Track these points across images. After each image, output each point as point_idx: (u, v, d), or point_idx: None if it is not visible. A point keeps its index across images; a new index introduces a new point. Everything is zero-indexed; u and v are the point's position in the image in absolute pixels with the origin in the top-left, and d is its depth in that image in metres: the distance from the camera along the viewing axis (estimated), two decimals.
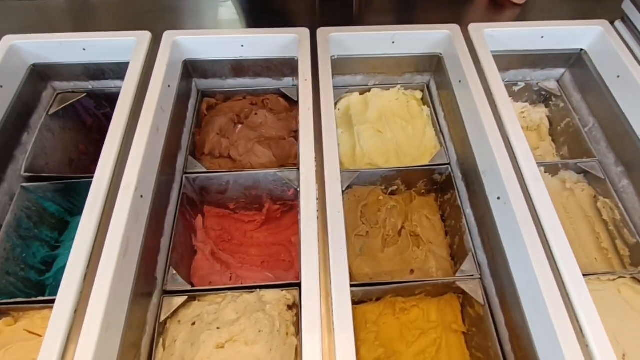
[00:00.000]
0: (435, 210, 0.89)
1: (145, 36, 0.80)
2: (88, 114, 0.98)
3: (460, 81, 0.76)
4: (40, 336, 0.64)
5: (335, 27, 0.81)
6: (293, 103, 0.95)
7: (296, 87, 0.93)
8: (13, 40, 0.79)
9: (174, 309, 0.66)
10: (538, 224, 0.57)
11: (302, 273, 0.53)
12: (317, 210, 0.60)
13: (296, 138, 0.88)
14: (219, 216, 0.96)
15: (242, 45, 0.82)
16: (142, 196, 0.63)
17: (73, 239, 0.87)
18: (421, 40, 0.84)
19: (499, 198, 0.63)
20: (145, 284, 0.62)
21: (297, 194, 0.88)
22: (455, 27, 0.82)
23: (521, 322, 0.57)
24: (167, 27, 0.82)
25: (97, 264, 0.54)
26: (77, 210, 0.92)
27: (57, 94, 0.90)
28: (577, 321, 0.50)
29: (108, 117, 1.02)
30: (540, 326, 0.53)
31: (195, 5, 0.97)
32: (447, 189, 0.83)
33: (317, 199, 0.60)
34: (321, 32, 0.81)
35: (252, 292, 0.67)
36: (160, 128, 0.71)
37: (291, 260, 0.90)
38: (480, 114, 0.68)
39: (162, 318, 0.65)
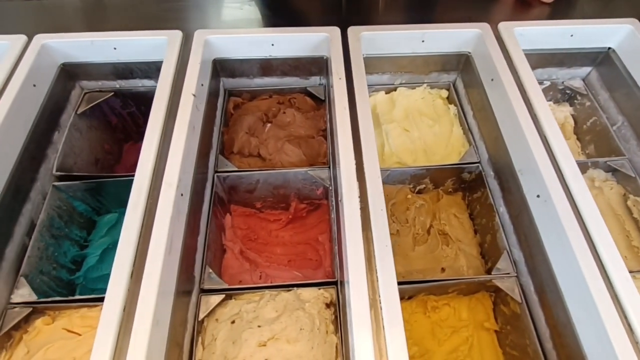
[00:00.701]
0: (463, 208, 0.89)
1: (177, 35, 0.80)
2: (113, 113, 0.98)
3: (492, 79, 0.76)
4: (80, 335, 0.64)
5: (365, 26, 0.81)
6: (319, 102, 0.95)
7: (323, 86, 0.94)
8: (44, 39, 0.79)
9: (212, 307, 0.66)
10: (580, 221, 0.57)
11: (349, 271, 0.53)
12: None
13: (324, 137, 0.88)
14: (245, 215, 0.96)
15: (273, 44, 0.82)
16: (182, 194, 0.63)
17: (101, 237, 0.90)
18: (451, 39, 0.84)
19: (538, 196, 0.63)
20: (185, 283, 0.62)
21: (325, 192, 0.89)
22: (486, 26, 0.82)
23: (564, 319, 0.57)
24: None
25: (143, 262, 0.54)
26: (104, 209, 0.92)
27: (85, 93, 0.90)
28: (626, 317, 0.51)
29: (133, 117, 1.03)
30: (587, 323, 0.53)
31: (211, 4, 0.97)
32: (476, 187, 0.83)
33: (360, 197, 0.60)
34: (352, 30, 0.81)
35: (290, 290, 0.67)
36: (195, 126, 0.71)
37: (318, 259, 0.90)
38: (516, 113, 0.68)
39: (201, 316, 0.65)
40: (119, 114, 0.99)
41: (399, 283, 0.73)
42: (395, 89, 0.95)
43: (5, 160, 0.68)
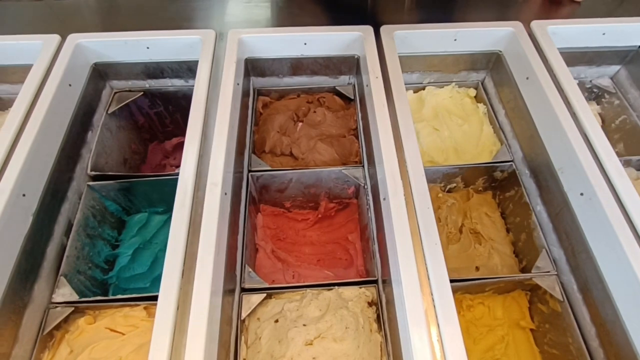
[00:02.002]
0: (494, 207, 0.89)
1: (211, 35, 0.80)
2: (141, 112, 0.98)
3: (527, 78, 0.76)
4: (124, 334, 0.64)
5: (399, 25, 0.81)
6: (347, 101, 0.95)
7: (352, 85, 0.94)
8: (78, 39, 0.79)
9: (253, 306, 0.66)
10: (627, 219, 0.57)
11: (401, 270, 0.53)
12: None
13: (355, 136, 0.88)
14: (273, 215, 0.96)
15: (305, 43, 0.82)
16: (226, 193, 0.63)
17: (132, 237, 0.90)
18: (483, 38, 0.84)
19: (582, 194, 0.63)
20: (230, 282, 0.62)
21: (356, 191, 0.89)
22: (519, 25, 0.82)
23: (612, 317, 0.57)
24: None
25: (191, 261, 0.54)
26: (133, 209, 0.92)
27: (115, 93, 0.90)
28: None
29: (160, 116, 1.02)
30: (638, 320, 0.53)
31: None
32: (509, 186, 0.83)
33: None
34: (385, 29, 0.81)
35: (331, 289, 0.67)
36: (233, 126, 0.71)
37: (349, 259, 0.91)
38: (555, 111, 0.68)
39: (244, 315, 0.65)
40: (146, 113, 0.99)
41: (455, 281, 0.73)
42: (423, 88, 0.95)
43: (46, 159, 0.68)
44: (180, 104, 0.97)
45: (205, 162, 0.64)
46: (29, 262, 0.63)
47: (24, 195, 0.62)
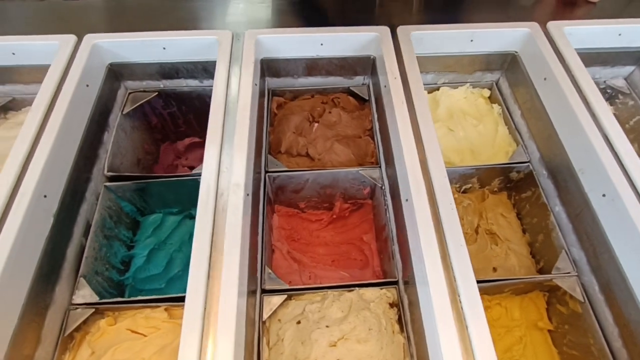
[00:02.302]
0: (510, 208, 0.89)
1: (227, 35, 0.79)
2: (154, 113, 0.98)
3: (545, 79, 0.76)
4: (145, 336, 0.63)
5: (415, 25, 0.81)
6: (361, 102, 0.95)
7: (366, 85, 0.93)
8: (95, 39, 0.79)
9: (275, 307, 0.66)
10: None
11: (427, 271, 0.53)
12: None
13: (371, 136, 0.88)
14: (288, 215, 0.96)
15: (322, 44, 0.82)
16: (248, 194, 0.62)
17: (147, 238, 0.89)
18: (499, 39, 0.84)
19: (604, 195, 0.63)
20: (252, 283, 0.62)
21: (372, 192, 0.89)
22: (535, 25, 0.82)
23: (637, 317, 0.57)
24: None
25: (216, 262, 0.54)
26: (147, 210, 0.92)
27: (129, 93, 0.90)
28: None
29: (173, 117, 1.02)
30: None
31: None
32: (525, 187, 0.83)
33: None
34: (401, 30, 0.81)
35: (352, 290, 0.67)
36: (252, 127, 0.71)
37: (364, 259, 0.90)
38: (575, 111, 0.68)
39: (265, 317, 0.64)
40: (159, 114, 0.99)
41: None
42: (437, 89, 0.95)
43: (65, 160, 0.68)
44: (193, 104, 0.97)
45: (226, 163, 0.64)
46: (50, 263, 0.63)
47: (45, 196, 0.62)
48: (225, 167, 0.63)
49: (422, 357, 0.57)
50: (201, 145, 1.13)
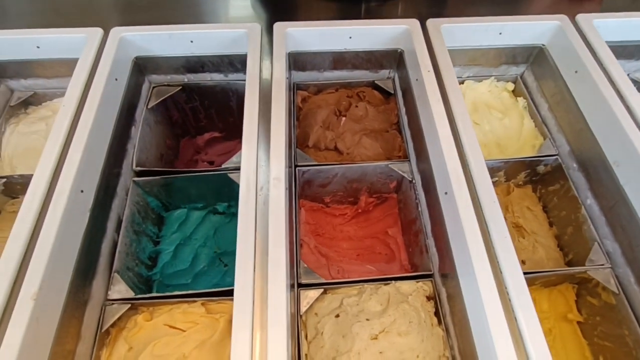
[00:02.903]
0: (536, 201, 0.89)
1: (256, 28, 0.79)
2: (176, 107, 0.97)
3: (576, 72, 0.76)
4: (184, 331, 0.63)
5: (446, 19, 0.81)
6: (386, 95, 0.94)
7: (391, 79, 0.93)
8: (122, 32, 0.78)
9: (311, 301, 0.66)
10: None
11: (474, 264, 0.53)
12: None
13: (398, 130, 0.88)
14: (312, 210, 0.96)
15: (350, 37, 0.82)
16: (286, 188, 0.62)
17: (172, 233, 0.89)
18: (527, 31, 0.83)
19: None
20: (291, 277, 0.62)
21: (398, 186, 0.88)
22: (564, 18, 0.81)
23: None
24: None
25: (262, 256, 0.54)
26: (172, 205, 0.91)
27: (153, 87, 0.89)
28: None
29: (194, 111, 1.01)
30: None
31: None
32: (553, 180, 0.83)
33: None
34: (431, 22, 0.81)
35: (388, 283, 0.67)
36: (287, 121, 0.70)
37: (389, 253, 0.90)
38: (609, 104, 0.68)
39: (302, 310, 0.64)
40: (181, 108, 0.98)
41: None
42: (462, 82, 0.95)
43: (99, 155, 0.67)
44: (216, 98, 0.96)
45: (263, 158, 0.63)
46: (88, 259, 0.62)
47: (82, 191, 0.61)
48: (263, 162, 0.63)
49: (466, 349, 0.57)
50: (221, 140, 1.13)
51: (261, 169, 0.62)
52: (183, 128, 1.04)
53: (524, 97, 0.92)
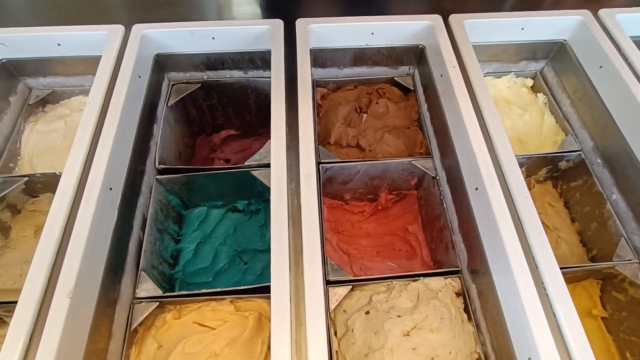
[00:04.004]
0: (557, 197, 0.89)
1: (279, 24, 0.78)
2: (194, 105, 0.97)
3: (600, 67, 0.76)
4: (214, 329, 0.63)
5: (469, 14, 0.80)
6: (405, 92, 0.94)
7: (410, 75, 0.93)
8: (144, 29, 0.77)
9: (340, 298, 0.65)
10: None
11: (510, 260, 0.53)
12: None
13: (419, 127, 0.87)
14: (331, 207, 0.95)
15: (373, 33, 0.81)
16: (317, 185, 0.62)
17: (193, 232, 0.89)
18: (550, 27, 0.83)
19: None
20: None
21: (419, 183, 0.88)
22: (587, 13, 0.81)
23: None
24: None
25: (296, 254, 0.54)
26: (192, 203, 0.91)
27: (172, 85, 0.88)
28: None
29: (212, 109, 1.01)
30: None
31: None
32: (576, 175, 0.83)
33: None
34: (454, 18, 0.80)
35: (416, 280, 0.67)
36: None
37: (409, 250, 0.90)
38: (637, 99, 0.68)
39: (332, 307, 0.64)
40: (199, 106, 0.97)
41: None
42: None
43: (125, 152, 0.67)
44: (234, 96, 0.95)
45: (293, 154, 0.63)
46: (117, 256, 0.62)
47: (110, 189, 0.61)
48: (291, 159, 0.63)
49: (500, 346, 0.57)
50: (236, 138, 1.13)
51: (291, 166, 0.62)
52: (199, 126, 1.04)
53: (544, 93, 0.92)
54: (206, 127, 1.05)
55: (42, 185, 0.79)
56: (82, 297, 0.52)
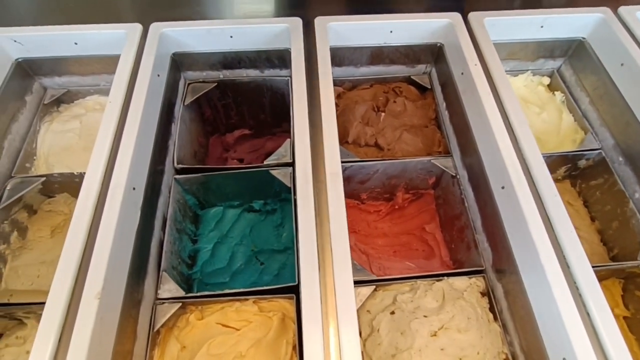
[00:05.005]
0: (576, 196, 0.88)
1: (298, 22, 0.78)
2: (209, 104, 0.96)
3: (622, 64, 0.76)
4: (238, 329, 0.62)
5: (488, 12, 0.80)
6: (421, 90, 0.93)
7: (427, 74, 0.92)
8: (162, 28, 0.76)
9: (364, 299, 0.65)
10: None
11: (542, 259, 0.52)
12: None
13: (437, 125, 0.87)
14: (348, 207, 0.94)
15: (391, 31, 0.81)
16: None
17: (210, 232, 0.88)
18: (569, 24, 0.83)
19: None
20: None
21: (436, 182, 0.88)
22: (607, 10, 0.81)
23: None
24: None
25: (324, 253, 0.53)
26: (208, 203, 0.90)
27: (188, 84, 0.88)
28: None
29: (226, 108, 1.00)
30: None
31: None
32: (596, 174, 0.82)
33: None
34: (474, 16, 0.80)
35: (441, 279, 0.66)
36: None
37: (427, 249, 0.90)
38: None
39: (356, 308, 0.63)
40: (214, 105, 0.97)
41: None
42: None
43: (146, 152, 0.66)
44: (250, 95, 0.95)
45: (317, 152, 0.63)
46: (140, 257, 0.61)
47: (134, 189, 0.60)
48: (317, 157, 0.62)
49: (530, 346, 0.56)
50: (249, 137, 1.12)
51: (317, 163, 0.61)
52: (213, 125, 1.03)
53: (562, 92, 0.91)
54: (220, 127, 1.05)
55: (59, 185, 0.79)
56: (109, 298, 0.51)
